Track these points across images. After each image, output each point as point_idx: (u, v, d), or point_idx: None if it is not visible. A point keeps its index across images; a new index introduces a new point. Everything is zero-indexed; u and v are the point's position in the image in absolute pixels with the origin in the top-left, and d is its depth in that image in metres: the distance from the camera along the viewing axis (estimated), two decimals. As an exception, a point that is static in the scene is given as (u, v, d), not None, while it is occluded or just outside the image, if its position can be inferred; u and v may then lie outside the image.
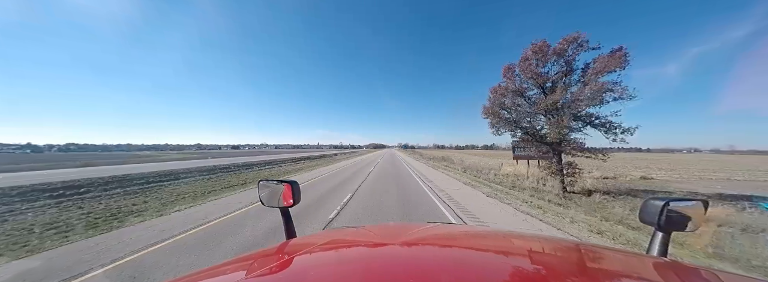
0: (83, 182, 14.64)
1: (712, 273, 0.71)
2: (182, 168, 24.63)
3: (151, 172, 20.29)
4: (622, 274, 0.76)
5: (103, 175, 17.58)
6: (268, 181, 1.50)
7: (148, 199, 10.17)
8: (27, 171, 24.18)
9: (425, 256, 0.90)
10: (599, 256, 0.94)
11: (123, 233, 5.94)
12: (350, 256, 0.96)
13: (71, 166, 30.20)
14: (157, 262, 4.33)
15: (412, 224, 1.83)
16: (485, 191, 11.27)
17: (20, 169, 26.04)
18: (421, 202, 8.86)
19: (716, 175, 25.63)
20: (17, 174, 21.19)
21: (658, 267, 0.78)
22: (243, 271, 0.80)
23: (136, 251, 4.81)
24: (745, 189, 16.37)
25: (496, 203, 8.95)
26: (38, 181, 15.04)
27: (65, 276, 3.90)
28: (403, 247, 0.99)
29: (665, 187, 17.66)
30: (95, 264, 4.29)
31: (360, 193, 10.90)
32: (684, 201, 1.01)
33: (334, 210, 7.69)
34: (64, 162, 36.98)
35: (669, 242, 0.98)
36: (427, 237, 1.24)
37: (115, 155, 74.50)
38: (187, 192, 11.81)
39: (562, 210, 8.28)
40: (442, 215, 7.29)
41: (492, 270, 0.75)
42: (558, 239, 1.31)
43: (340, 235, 1.43)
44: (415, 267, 0.74)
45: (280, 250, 1.04)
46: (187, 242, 5.25)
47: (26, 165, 30.76)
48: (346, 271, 0.76)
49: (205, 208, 8.44)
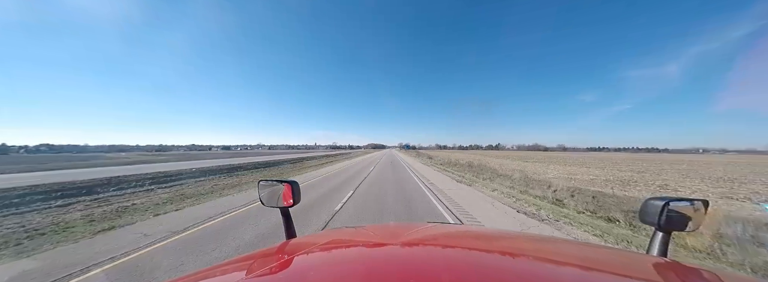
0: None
1: (712, 273, 0.70)
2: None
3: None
4: (622, 274, 0.71)
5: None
6: (268, 181, 1.48)
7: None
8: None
9: (425, 256, 0.87)
10: (599, 256, 0.94)
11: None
12: (350, 256, 0.93)
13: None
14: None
15: (412, 224, 1.67)
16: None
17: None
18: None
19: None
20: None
21: (658, 267, 0.77)
22: (243, 271, 0.77)
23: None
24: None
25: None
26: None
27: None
28: (403, 247, 0.96)
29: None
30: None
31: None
32: (684, 201, 0.98)
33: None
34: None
35: (669, 242, 0.95)
36: (427, 237, 1.21)
37: (73, 157, 62.66)
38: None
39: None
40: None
41: (492, 270, 0.74)
42: (558, 239, 1.32)
43: (340, 235, 1.40)
44: (416, 267, 0.74)
45: (280, 250, 1.01)
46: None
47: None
48: (347, 271, 0.75)
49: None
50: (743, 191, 14.69)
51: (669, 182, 18.14)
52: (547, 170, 24.79)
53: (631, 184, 16.48)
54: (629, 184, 16.45)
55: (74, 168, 27.58)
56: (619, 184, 16.18)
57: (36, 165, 31.89)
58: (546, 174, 20.49)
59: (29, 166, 30.63)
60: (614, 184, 15.84)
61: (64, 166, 30.36)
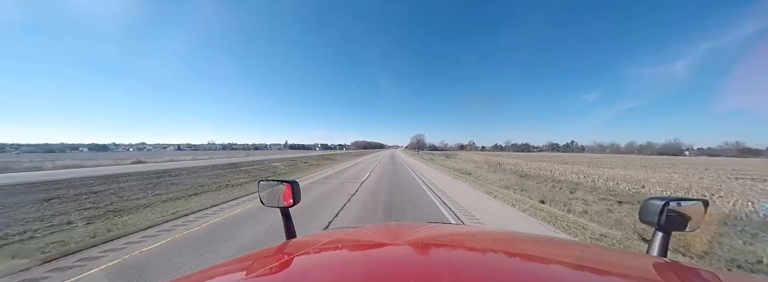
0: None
1: (712, 273, 0.70)
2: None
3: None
4: (622, 274, 0.72)
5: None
6: (268, 181, 1.49)
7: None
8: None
9: (425, 256, 0.87)
10: (599, 256, 0.94)
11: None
12: (350, 256, 0.94)
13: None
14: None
15: (412, 224, 1.64)
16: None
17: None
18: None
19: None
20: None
21: (658, 267, 0.77)
22: (243, 271, 0.76)
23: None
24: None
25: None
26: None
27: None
28: (403, 247, 0.96)
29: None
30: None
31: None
32: (684, 201, 0.98)
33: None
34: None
35: (669, 242, 0.95)
36: (427, 237, 1.20)
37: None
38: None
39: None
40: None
41: (492, 270, 0.74)
42: (558, 239, 1.31)
43: (340, 235, 1.38)
44: (416, 267, 0.74)
45: (280, 250, 1.01)
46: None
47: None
48: (347, 271, 0.75)
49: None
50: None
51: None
52: (647, 176, 17.06)
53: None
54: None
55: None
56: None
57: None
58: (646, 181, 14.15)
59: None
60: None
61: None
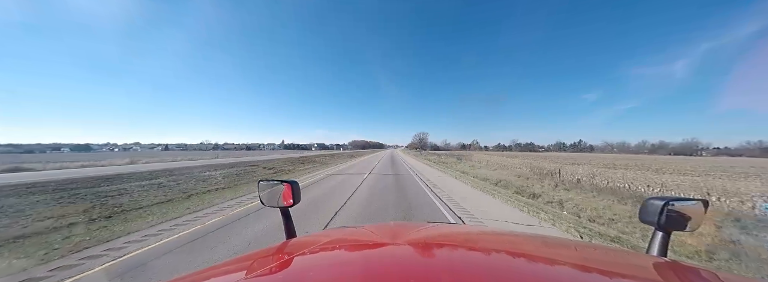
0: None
1: (712, 273, 0.70)
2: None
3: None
4: (622, 274, 0.72)
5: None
6: (268, 181, 1.47)
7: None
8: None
9: (426, 256, 0.87)
10: (599, 256, 0.95)
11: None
12: (350, 256, 0.94)
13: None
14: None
15: (412, 224, 1.71)
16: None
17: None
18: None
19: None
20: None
21: (658, 267, 0.77)
22: (243, 271, 0.77)
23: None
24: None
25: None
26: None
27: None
28: (403, 247, 0.96)
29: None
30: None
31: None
32: (684, 200, 0.98)
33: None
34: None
35: (669, 242, 0.95)
36: (427, 237, 1.21)
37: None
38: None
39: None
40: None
41: (493, 270, 0.74)
42: (558, 239, 1.30)
43: (340, 234, 1.37)
44: (416, 267, 0.74)
45: (280, 250, 1.01)
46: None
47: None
48: (347, 271, 0.74)
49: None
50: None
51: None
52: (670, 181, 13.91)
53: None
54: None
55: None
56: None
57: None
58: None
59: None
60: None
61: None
